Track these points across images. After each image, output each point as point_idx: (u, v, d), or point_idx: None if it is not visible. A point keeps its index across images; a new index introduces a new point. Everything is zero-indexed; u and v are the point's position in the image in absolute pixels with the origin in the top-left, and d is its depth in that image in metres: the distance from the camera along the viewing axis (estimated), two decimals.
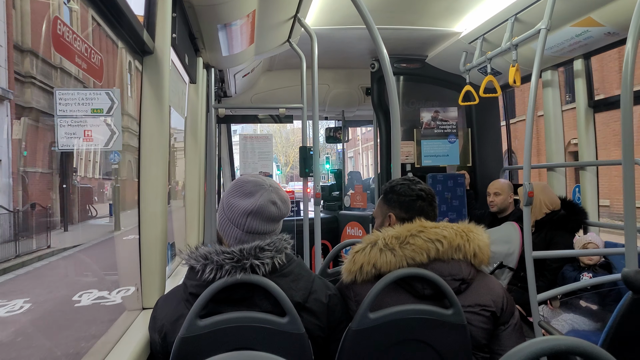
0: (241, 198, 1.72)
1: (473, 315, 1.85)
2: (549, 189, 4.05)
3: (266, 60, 5.31)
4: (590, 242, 3.51)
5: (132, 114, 16.86)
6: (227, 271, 1.61)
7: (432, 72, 5.29)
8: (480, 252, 1.91)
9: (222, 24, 2.96)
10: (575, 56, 3.94)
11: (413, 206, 2.04)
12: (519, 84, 3.66)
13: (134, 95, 18.62)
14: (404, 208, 2.06)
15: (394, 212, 2.08)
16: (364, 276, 1.85)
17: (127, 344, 1.78)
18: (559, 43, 3.71)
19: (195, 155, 3.68)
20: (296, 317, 1.63)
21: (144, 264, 2.14)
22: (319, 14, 4.02)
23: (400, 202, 2.07)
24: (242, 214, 1.71)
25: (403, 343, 1.77)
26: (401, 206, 2.06)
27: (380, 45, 3.05)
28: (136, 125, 2.26)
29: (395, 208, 2.08)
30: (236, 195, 1.74)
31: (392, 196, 2.10)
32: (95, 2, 1.65)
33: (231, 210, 1.73)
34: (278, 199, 1.75)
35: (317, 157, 4.07)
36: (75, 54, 1.47)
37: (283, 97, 5.65)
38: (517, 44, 3.59)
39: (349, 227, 5.90)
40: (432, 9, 4.06)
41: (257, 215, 1.71)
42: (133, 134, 15.56)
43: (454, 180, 5.02)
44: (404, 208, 2.06)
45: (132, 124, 16.54)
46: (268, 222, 1.74)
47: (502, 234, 3.69)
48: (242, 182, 1.77)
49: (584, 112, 4.02)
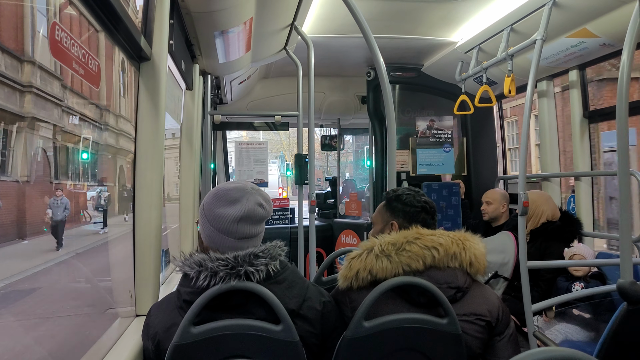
0: (227, 206, 1.71)
1: (468, 325, 1.84)
2: (551, 199, 4.04)
3: (262, 67, 5.32)
4: (575, 253, 3.50)
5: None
6: (222, 278, 1.60)
7: (427, 81, 5.31)
8: (477, 261, 1.91)
9: (219, 31, 2.97)
10: (571, 67, 3.96)
11: (417, 217, 2.05)
12: (514, 94, 3.67)
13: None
14: (407, 218, 2.06)
15: (397, 221, 2.08)
16: (360, 282, 1.85)
17: (120, 351, 1.76)
18: (554, 54, 3.74)
19: (191, 161, 3.68)
20: (290, 324, 1.62)
21: (138, 271, 2.13)
22: (315, 22, 4.03)
23: (404, 211, 2.07)
24: (232, 222, 1.70)
25: (398, 352, 1.76)
26: (405, 216, 2.07)
27: (376, 54, 3.06)
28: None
29: (399, 217, 2.08)
30: (220, 205, 1.72)
31: (396, 205, 2.10)
32: (93, 8, 1.65)
33: (219, 221, 1.71)
34: (263, 200, 1.75)
35: (312, 165, 4.06)
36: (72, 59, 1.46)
37: (279, 105, 5.66)
38: (512, 54, 3.61)
39: (343, 235, 5.89)
40: (428, 19, 4.08)
41: (247, 220, 1.70)
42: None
43: (449, 189, 5.03)
44: (407, 218, 2.06)
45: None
46: (257, 225, 1.74)
47: (497, 243, 3.69)
48: (223, 190, 1.75)
49: (579, 122, 4.04)
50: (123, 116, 2.43)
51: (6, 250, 1.48)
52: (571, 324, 3.37)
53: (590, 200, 4.07)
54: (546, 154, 4.43)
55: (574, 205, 4.16)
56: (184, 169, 3.70)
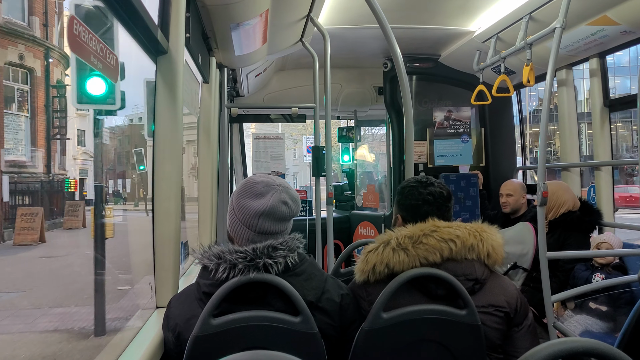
0: (252, 199, 1.72)
1: (487, 316, 1.83)
2: (570, 189, 3.98)
3: (279, 59, 5.32)
4: (604, 241, 3.46)
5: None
6: (241, 270, 1.61)
7: (445, 72, 5.27)
8: (494, 252, 1.90)
9: (235, 24, 2.97)
10: (591, 55, 3.90)
11: (418, 211, 2.00)
12: (533, 83, 3.63)
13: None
14: (409, 211, 2.03)
15: (401, 214, 2.07)
16: (377, 276, 1.85)
17: (142, 342, 1.79)
18: (573, 42, 3.68)
19: (208, 154, 3.70)
20: (309, 316, 1.63)
21: (158, 262, 2.15)
22: (331, 13, 4.02)
23: (406, 205, 2.05)
24: (254, 215, 1.71)
25: (416, 343, 1.76)
26: (407, 209, 2.05)
27: (393, 45, 3.04)
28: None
29: (402, 210, 2.07)
30: (246, 196, 1.73)
31: (400, 198, 2.09)
32: (111, 2, 1.66)
33: (242, 212, 1.73)
34: (289, 199, 1.75)
35: (329, 157, 4.06)
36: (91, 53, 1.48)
37: (295, 97, 5.65)
38: (531, 43, 3.56)
39: (361, 227, 5.88)
40: (445, 8, 4.04)
41: (269, 216, 1.71)
42: None
43: (467, 180, 4.99)
44: (409, 211, 2.03)
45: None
46: (279, 222, 1.74)
47: (515, 234, 3.66)
48: (252, 182, 1.76)
49: (600, 111, 3.98)
50: None
51: None
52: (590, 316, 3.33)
53: (611, 190, 4.02)
54: (566, 143, 4.38)
55: (594, 196, 4.10)
56: (202, 162, 3.72)
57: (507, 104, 5.38)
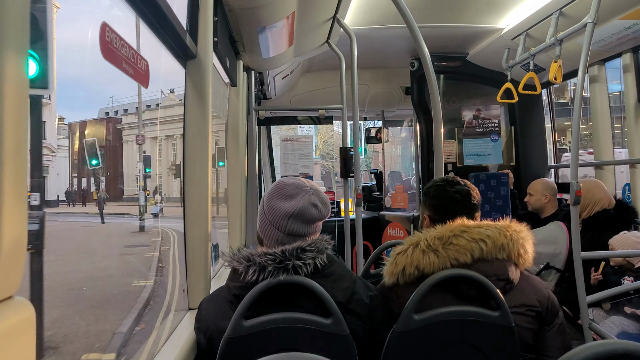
0: (282, 200, 1.73)
1: (519, 316, 1.81)
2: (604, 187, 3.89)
3: (305, 61, 5.33)
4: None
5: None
6: (270, 272, 1.61)
7: (473, 70, 5.21)
8: (525, 251, 1.87)
9: (262, 27, 2.99)
10: (624, 50, 3.81)
11: (445, 210, 2.02)
12: (560, 80, 3.55)
13: None
14: (436, 211, 2.05)
15: (428, 213, 2.08)
16: (407, 278, 1.83)
17: (175, 343, 1.81)
18: (606, 37, 3.60)
19: (237, 157, 3.72)
20: (340, 318, 1.62)
21: (190, 265, 2.18)
22: (357, 14, 4.01)
23: (432, 204, 2.07)
24: (284, 217, 1.72)
25: (449, 345, 1.74)
26: (433, 208, 2.06)
27: (421, 44, 3.02)
28: None
29: (429, 210, 2.08)
30: (277, 197, 1.75)
31: (426, 198, 2.10)
32: (140, 8, 1.69)
33: (272, 213, 1.74)
34: (319, 201, 1.76)
35: (357, 158, 4.05)
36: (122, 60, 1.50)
37: (322, 98, 5.65)
38: (561, 39, 3.50)
39: (390, 228, 5.85)
40: (473, 6, 4.00)
41: (298, 218, 1.72)
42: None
43: (497, 179, 4.93)
44: (436, 211, 2.05)
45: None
46: (309, 224, 1.75)
47: (547, 234, 3.60)
48: (282, 184, 1.78)
49: (634, 107, 3.89)
50: None
51: None
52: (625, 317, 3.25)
53: None
54: (599, 140, 4.29)
55: (629, 194, 4.00)
56: (230, 165, 3.75)
57: (538, 102, 5.29)
